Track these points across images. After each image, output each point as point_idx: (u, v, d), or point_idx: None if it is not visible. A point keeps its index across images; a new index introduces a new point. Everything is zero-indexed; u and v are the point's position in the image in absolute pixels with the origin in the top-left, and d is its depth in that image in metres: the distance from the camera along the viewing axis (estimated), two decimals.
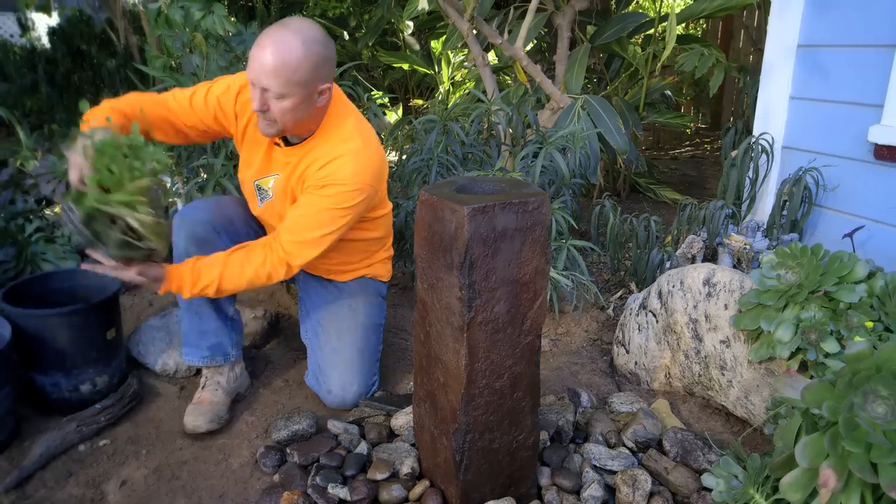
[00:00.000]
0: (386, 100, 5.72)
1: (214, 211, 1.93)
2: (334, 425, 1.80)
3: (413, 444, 1.71)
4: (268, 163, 1.87)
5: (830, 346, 1.61)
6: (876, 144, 2.28)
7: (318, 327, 2.00)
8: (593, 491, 1.53)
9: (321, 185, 1.73)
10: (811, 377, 1.66)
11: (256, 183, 1.91)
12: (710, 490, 1.52)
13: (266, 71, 1.58)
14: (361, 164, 1.74)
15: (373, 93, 4.13)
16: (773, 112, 2.69)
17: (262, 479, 1.68)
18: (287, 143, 1.81)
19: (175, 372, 2.13)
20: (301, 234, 1.75)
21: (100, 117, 1.66)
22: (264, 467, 1.70)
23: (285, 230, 1.76)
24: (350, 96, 3.18)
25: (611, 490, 1.59)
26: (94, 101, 1.81)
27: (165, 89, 2.66)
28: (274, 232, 1.85)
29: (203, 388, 1.93)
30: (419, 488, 1.54)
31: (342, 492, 1.53)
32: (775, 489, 1.40)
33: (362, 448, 1.70)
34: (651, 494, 1.55)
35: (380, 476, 1.57)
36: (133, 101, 1.80)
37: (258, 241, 1.79)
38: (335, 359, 1.93)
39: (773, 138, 2.68)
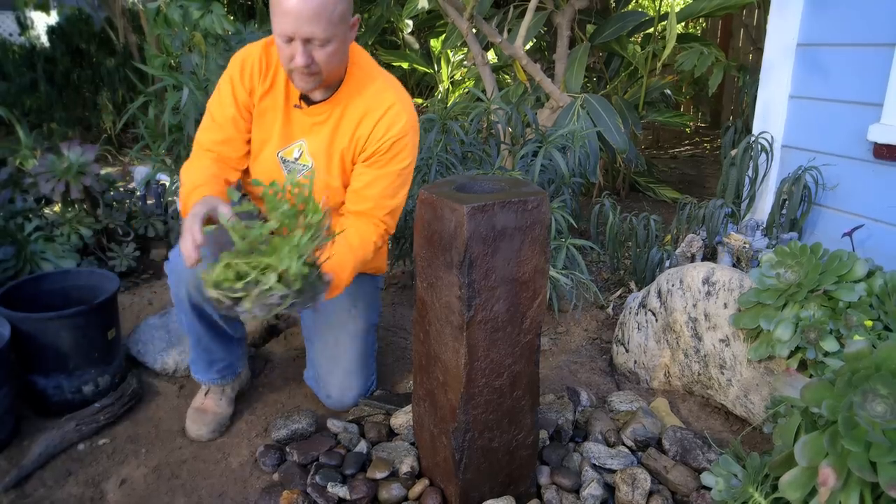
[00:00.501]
0: None
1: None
2: (334, 424, 1.80)
3: (412, 443, 1.71)
4: (288, 130, 1.72)
5: (830, 344, 1.62)
6: (875, 143, 2.28)
7: (317, 330, 1.95)
8: (593, 490, 1.53)
9: (389, 149, 1.67)
10: (810, 376, 1.66)
11: (281, 155, 1.74)
12: (709, 489, 1.52)
13: (307, 17, 1.44)
14: (409, 104, 1.69)
15: None
16: (772, 111, 2.69)
17: (262, 477, 1.68)
18: (308, 101, 1.68)
19: (175, 371, 2.13)
20: (391, 203, 1.72)
21: (212, 196, 1.49)
22: (264, 466, 1.70)
23: (377, 208, 1.70)
24: None
25: (610, 489, 1.59)
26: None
27: (164, 89, 2.66)
28: (361, 212, 1.72)
29: (206, 394, 1.89)
30: (419, 487, 1.54)
31: (342, 490, 1.53)
32: (775, 488, 1.40)
33: (362, 447, 1.70)
34: (650, 493, 1.55)
35: (379, 475, 1.57)
36: (215, 173, 1.68)
37: (359, 220, 1.70)
38: (333, 366, 1.90)
39: (772, 137, 2.68)
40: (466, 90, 5.40)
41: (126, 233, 2.85)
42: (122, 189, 2.96)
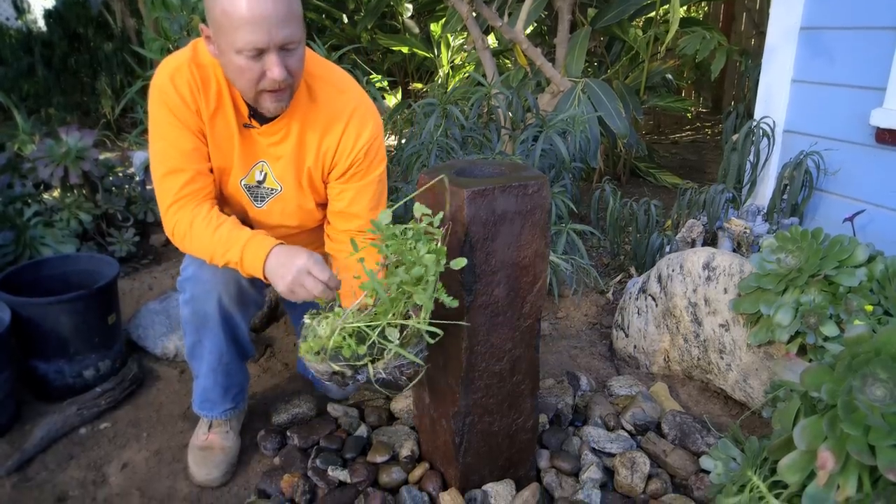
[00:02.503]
0: (385, 83, 5.68)
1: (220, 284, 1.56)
2: (334, 409, 1.81)
3: (413, 427, 1.71)
4: (246, 152, 1.51)
5: (829, 329, 1.62)
6: (877, 128, 2.27)
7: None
8: (592, 473, 1.54)
9: (364, 158, 1.52)
10: (810, 361, 1.66)
11: (244, 184, 1.55)
12: (707, 472, 1.53)
13: (281, 19, 1.25)
14: (367, 101, 1.54)
15: (372, 76, 4.10)
16: (774, 95, 2.67)
17: (263, 461, 1.69)
18: (261, 120, 1.47)
19: (175, 355, 2.13)
20: (377, 212, 1.51)
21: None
22: (265, 450, 1.71)
23: (367, 222, 1.48)
24: None
25: (609, 472, 1.60)
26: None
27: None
28: (354, 232, 1.59)
29: (210, 429, 1.69)
30: (419, 471, 1.55)
31: (342, 474, 1.54)
32: (773, 471, 1.40)
33: (362, 431, 1.71)
34: (649, 476, 1.56)
35: (379, 459, 1.58)
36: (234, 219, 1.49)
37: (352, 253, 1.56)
38: None
39: (774, 122, 2.66)
40: (467, 75, 5.37)
41: (125, 218, 2.84)
42: (121, 174, 2.95)
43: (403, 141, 3.06)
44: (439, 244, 1.17)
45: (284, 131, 1.48)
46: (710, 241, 2.61)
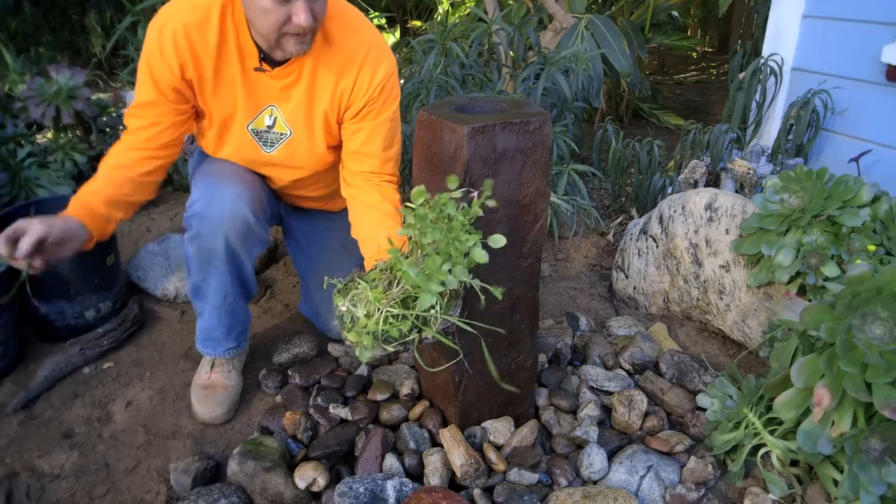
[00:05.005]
0: (383, 21, 5.52)
1: (251, 196, 1.55)
2: (335, 348, 1.82)
3: (412, 367, 1.73)
4: (253, 97, 1.50)
5: (830, 270, 1.61)
6: (889, 65, 2.21)
7: (312, 268, 1.87)
8: (590, 411, 1.56)
9: (378, 96, 1.50)
10: (809, 301, 1.66)
11: (251, 128, 1.55)
12: (704, 410, 1.55)
13: None
14: (380, 38, 1.51)
15: (369, 13, 3.98)
16: (784, 32, 2.59)
17: (265, 399, 1.72)
18: (270, 62, 1.46)
19: (175, 297, 2.14)
20: (391, 153, 1.57)
21: None
22: (266, 388, 1.73)
23: (382, 163, 1.55)
24: None
25: (607, 410, 1.62)
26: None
27: (153, 7, 2.56)
28: (368, 174, 1.57)
29: (213, 368, 1.70)
30: (419, 408, 1.57)
31: (343, 412, 1.56)
32: (769, 409, 1.42)
33: (362, 370, 1.73)
34: (646, 414, 1.58)
35: (380, 397, 1.60)
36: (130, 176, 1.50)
37: (376, 187, 1.55)
38: (332, 305, 1.85)
39: (782, 59, 2.60)
40: (467, 11, 5.21)
41: None
42: (114, 114, 2.90)
43: (402, 80, 2.99)
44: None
45: (297, 73, 1.47)
46: (713, 182, 2.59)
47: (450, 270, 1.12)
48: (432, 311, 1.14)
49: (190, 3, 1.41)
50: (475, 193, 1.20)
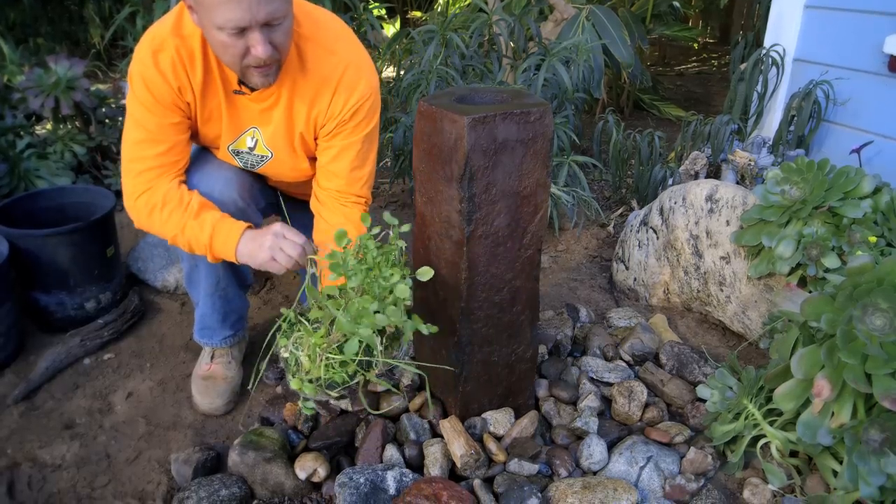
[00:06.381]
0: (383, 11, 5.49)
1: (237, 184, 1.56)
2: None
3: (413, 358, 1.73)
4: (235, 119, 1.49)
5: (831, 261, 1.61)
6: (891, 56, 2.20)
7: None
8: (590, 402, 1.56)
9: (350, 118, 1.48)
10: (810, 292, 1.66)
11: (232, 149, 1.54)
12: (704, 401, 1.56)
13: None
14: (361, 56, 1.47)
15: (369, 4, 3.96)
16: (786, 22, 2.58)
17: (266, 390, 1.72)
18: (251, 86, 1.42)
19: (175, 288, 2.14)
20: (362, 173, 1.56)
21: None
22: (267, 379, 1.73)
23: (349, 183, 1.54)
24: (345, 8, 3.05)
25: (607, 401, 1.62)
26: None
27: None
28: (334, 192, 1.56)
29: (212, 359, 1.71)
30: (419, 399, 1.57)
31: (343, 402, 1.56)
32: (769, 399, 1.42)
33: None
34: (646, 405, 1.58)
35: (381, 388, 1.59)
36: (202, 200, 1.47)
37: (340, 209, 1.55)
38: None
39: (784, 50, 2.59)
40: (468, 2, 5.19)
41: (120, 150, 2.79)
42: (114, 105, 2.89)
43: (402, 71, 2.98)
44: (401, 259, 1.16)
45: (276, 96, 1.45)
46: (714, 173, 2.58)
47: (378, 312, 1.12)
48: (375, 353, 1.15)
49: (170, 28, 1.37)
50: (390, 230, 1.24)
